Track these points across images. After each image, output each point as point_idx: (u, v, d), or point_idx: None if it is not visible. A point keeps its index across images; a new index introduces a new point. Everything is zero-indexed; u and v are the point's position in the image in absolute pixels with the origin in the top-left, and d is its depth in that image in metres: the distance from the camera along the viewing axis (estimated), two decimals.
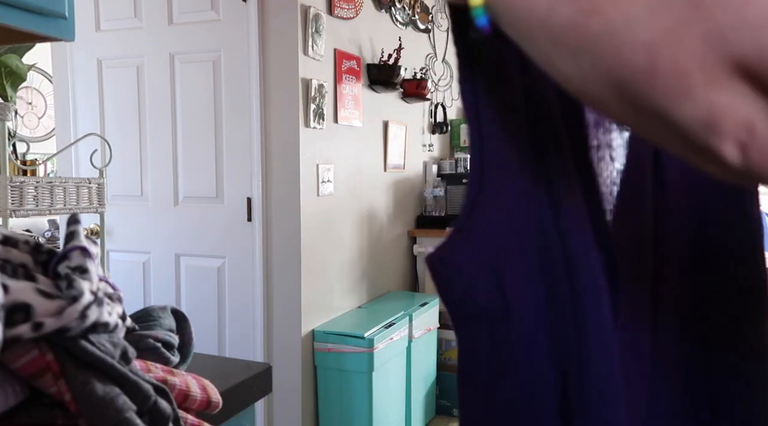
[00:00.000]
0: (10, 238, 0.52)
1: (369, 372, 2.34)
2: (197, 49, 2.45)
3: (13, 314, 0.46)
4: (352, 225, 2.76)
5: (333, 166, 2.57)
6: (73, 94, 2.71)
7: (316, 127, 2.41)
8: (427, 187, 3.51)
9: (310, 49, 2.35)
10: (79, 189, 1.44)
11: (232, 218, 2.44)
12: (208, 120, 2.45)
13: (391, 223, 3.17)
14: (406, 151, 3.30)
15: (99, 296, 0.52)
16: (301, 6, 2.31)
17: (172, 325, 0.84)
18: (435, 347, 3.09)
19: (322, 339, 2.42)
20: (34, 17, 0.94)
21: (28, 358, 0.48)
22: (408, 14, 3.25)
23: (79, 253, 0.52)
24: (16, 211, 1.29)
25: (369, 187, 2.91)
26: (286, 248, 2.37)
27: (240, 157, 2.41)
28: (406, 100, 3.26)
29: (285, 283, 2.39)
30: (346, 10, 2.62)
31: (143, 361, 0.69)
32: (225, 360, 1.03)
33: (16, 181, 1.30)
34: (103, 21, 2.63)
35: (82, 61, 2.68)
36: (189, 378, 0.68)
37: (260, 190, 2.37)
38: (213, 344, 2.50)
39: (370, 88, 2.89)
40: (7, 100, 1.58)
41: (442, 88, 3.87)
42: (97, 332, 0.52)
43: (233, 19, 2.37)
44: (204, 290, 2.51)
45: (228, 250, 2.46)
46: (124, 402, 0.50)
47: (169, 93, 2.52)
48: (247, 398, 0.95)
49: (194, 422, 0.62)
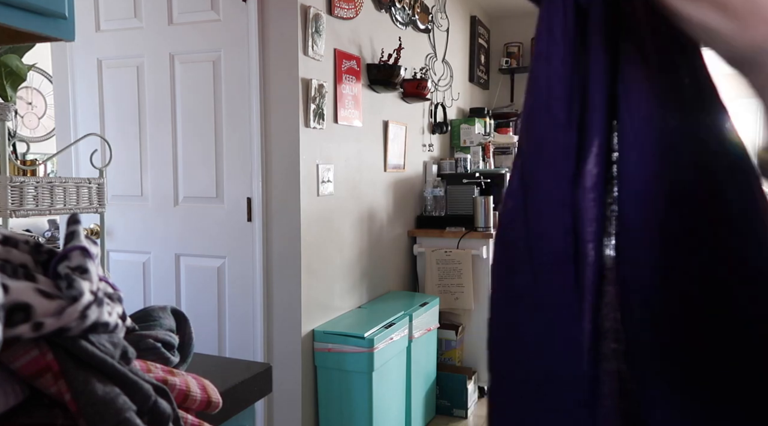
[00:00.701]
0: (10, 238, 0.52)
1: (369, 372, 2.34)
2: (197, 49, 2.45)
3: (13, 314, 0.46)
4: (352, 225, 2.76)
5: (333, 166, 2.57)
6: (73, 94, 2.71)
7: (316, 127, 2.41)
8: (427, 187, 3.51)
9: (310, 49, 2.35)
10: (79, 189, 1.44)
11: (232, 218, 2.44)
12: (208, 120, 2.45)
13: (391, 223, 3.17)
14: (406, 151, 3.30)
15: (99, 296, 0.52)
16: (301, 6, 2.31)
17: (172, 325, 0.84)
18: (435, 347, 3.09)
19: (322, 339, 2.42)
20: (34, 17, 0.94)
21: (28, 358, 0.48)
22: (408, 14, 3.25)
23: (79, 253, 0.52)
24: (16, 211, 1.29)
25: (369, 187, 2.91)
26: (286, 248, 2.37)
27: (240, 157, 2.41)
28: (406, 100, 3.26)
29: (285, 283, 2.39)
30: (346, 10, 2.62)
31: (143, 361, 0.69)
32: (225, 360, 1.03)
33: (16, 181, 1.30)
34: (103, 21, 2.63)
35: (82, 61, 2.67)
36: (189, 378, 0.68)
37: (260, 190, 2.37)
38: (213, 344, 2.50)
39: (370, 88, 2.89)
40: (7, 100, 1.58)
41: (442, 88, 3.87)
42: (97, 332, 0.52)
43: (233, 19, 2.37)
44: (204, 290, 2.51)
45: (228, 250, 2.46)
46: (124, 402, 0.50)
47: (169, 93, 2.52)
48: (247, 398, 0.95)
49: (194, 422, 0.62)
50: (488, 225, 3.27)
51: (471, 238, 3.23)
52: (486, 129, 4.16)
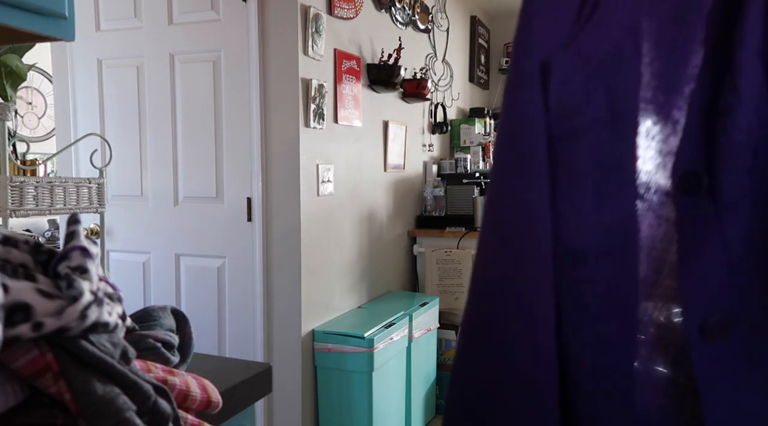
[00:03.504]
0: (10, 238, 0.52)
1: (369, 372, 2.34)
2: (197, 49, 2.45)
3: (13, 314, 0.46)
4: (352, 225, 2.76)
5: (333, 166, 2.57)
6: (73, 94, 2.71)
7: (316, 127, 2.41)
8: (427, 187, 3.51)
9: (310, 49, 2.35)
10: (79, 189, 1.44)
11: (232, 218, 2.44)
12: (208, 120, 2.45)
13: (391, 223, 3.17)
14: (406, 151, 3.30)
15: (99, 296, 0.52)
16: (301, 6, 2.31)
17: (172, 325, 0.84)
18: (435, 347, 3.09)
19: (322, 339, 2.42)
20: (34, 17, 0.94)
21: (28, 358, 0.48)
22: (408, 14, 3.25)
23: (79, 253, 0.52)
24: (16, 211, 1.29)
25: (369, 187, 2.91)
26: (286, 248, 2.37)
27: (240, 157, 2.41)
28: (406, 100, 3.26)
29: (285, 283, 2.39)
30: (346, 10, 2.62)
31: (143, 361, 0.69)
32: (225, 360, 1.03)
33: (16, 181, 1.30)
34: (103, 21, 2.63)
35: (82, 61, 2.68)
36: (189, 378, 0.68)
37: (260, 190, 2.37)
38: (213, 344, 2.50)
39: (370, 88, 2.89)
40: (7, 100, 1.58)
41: (442, 88, 3.87)
42: (97, 332, 0.52)
43: (233, 19, 2.37)
44: (204, 290, 2.51)
45: (228, 250, 2.46)
46: (124, 402, 0.50)
47: (169, 93, 2.52)
48: (247, 398, 0.95)
49: (194, 422, 0.62)
50: None
51: (471, 238, 3.23)
52: (486, 129, 4.16)
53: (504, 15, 4.96)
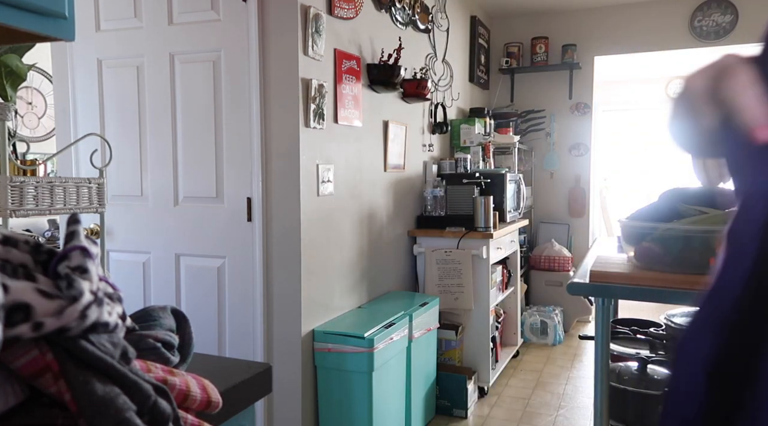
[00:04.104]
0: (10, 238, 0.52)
1: (369, 372, 2.34)
2: (197, 49, 2.45)
3: (13, 314, 0.46)
4: (352, 225, 2.76)
5: (333, 166, 2.57)
6: (73, 94, 2.71)
7: (316, 127, 2.41)
8: (427, 187, 3.51)
9: (310, 49, 2.35)
10: (79, 189, 1.44)
11: (232, 218, 2.44)
12: (208, 120, 2.45)
13: (391, 223, 3.17)
14: (406, 151, 3.30)
15: (99, 296, 0.52)
16: (301, 6, 2.31)
17: (172, 325, 0.84)
18: (435, 347, 3.09)
19: (322, 339, 2.42)
20: (34, 17, 0.94)
21: (28, 358, 0.48)
22: (408, 14, 3.25)
23: (79, 253, 0.52)
24: (16, 211, 1.29)
25: (369, 187, 2.91)
26: (286, 248, 2.37)
27: (240, 157, 2.41)
28: (406, 100, 3.26)
29: (285, 283, 2.39)
30: (346, 10, 2.62)
31: (143, 361, 0.69)
32: (225, 360, 1.03)
33: (16, 181, 1.30)
34: (103, 21, 2.63)
35: (82, 61, 2.68)
36: (189, 378, 0.68)
37: (260, 190, 2.37)
38: (213, 344, 2.50)
39: (370, 88, 2.89)
40: (7, 100, 1.58)
41: (442, 88, 3.87)
42: (97, 332, 0.52)
43: (233, 19, 2.37)
44: (204, 290, 2.51)
45: (228, 250, 2.46)
46: (124, 402, 0.50)
47: (169, 93, 2.52)
48: (247, 398, 0.95)
49: (194, 422, 0.62)
50: (488, 225, 3.27)
51: (471, 238, 3.23)
52: (486, 129, 4.16)
53: (504, 15, 4.96)
